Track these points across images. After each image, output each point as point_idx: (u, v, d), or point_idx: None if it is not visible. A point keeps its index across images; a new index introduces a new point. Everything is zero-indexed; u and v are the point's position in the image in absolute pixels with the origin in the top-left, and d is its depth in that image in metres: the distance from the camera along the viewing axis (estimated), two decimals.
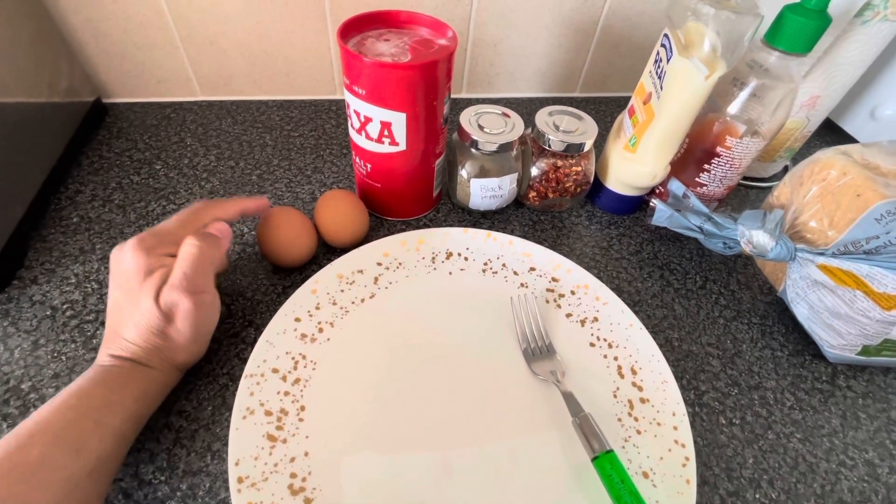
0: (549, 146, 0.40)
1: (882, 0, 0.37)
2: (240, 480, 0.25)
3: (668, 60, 0.35)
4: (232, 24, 0.47)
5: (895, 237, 0.30)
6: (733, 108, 0.37)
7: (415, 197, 0.41)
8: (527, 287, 0.37)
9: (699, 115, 0.39)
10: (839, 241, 0.33)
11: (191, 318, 0.27)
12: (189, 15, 0.46)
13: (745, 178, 0.52)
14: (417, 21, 0.37)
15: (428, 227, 0.42)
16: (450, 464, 0.28)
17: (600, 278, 0.40)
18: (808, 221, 0.35)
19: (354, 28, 0.35)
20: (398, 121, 0.34)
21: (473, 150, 0.39)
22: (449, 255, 0.39)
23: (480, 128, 0.39)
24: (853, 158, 0.35)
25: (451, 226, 0.42)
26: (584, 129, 0.40)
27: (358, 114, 0.35)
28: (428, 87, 0.34)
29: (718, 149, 0.39)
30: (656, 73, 0.37)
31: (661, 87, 0.36)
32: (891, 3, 0.37)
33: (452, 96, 0.59)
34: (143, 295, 0.26)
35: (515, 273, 0.38)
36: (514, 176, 0.40)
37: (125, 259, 0.27)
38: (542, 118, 0.40)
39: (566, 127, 0.40)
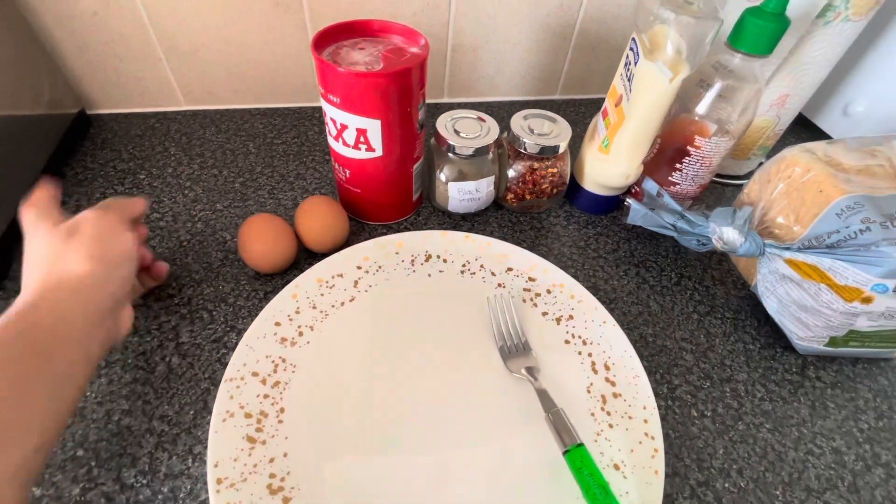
0: (525, 149, 0.40)
1: (843, 1, 0.38)
2: (219, 481, 0.26)
3: (635, 64, 0.36)
4: (212, 35, 0.48)
5: (854, 231, 0.31)
6: (701, 108, 0.38)
7: (394, 201, 0.42)
8: (504, 287, 0.38)
9: (671, 116, 0.40)
10: (804, 236, 0.34)
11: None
12: (170, 27, 0.47)
13: (721, 176, 0.53)
14: (391, 30, 0.38)
15: (409, 230, 0.43)
16: (428, 462, 0.29)
17: (577, 277, 0.41)
18: (775, 217, 0.36)
19: (329, 38, 0.36)
20: (373, 127, 0.35)
21: (450, 155, 0.40)
22: (428, 257, 0.39)
23: (456, 133, 0.40)
24: (816, 155, 0.36)
25: (431, 228, 0.43)
26: (559, 132, 0.41)
27: (334, 121, 0.36)
28: (401, 94, 0.35)
29: (689, 148, 0.40)
30: (626, 76, 0.38)
31: (630, 90, 0.37)
32: (851, 3, 0.38)
33: (435, 101, 0.60)
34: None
35: (493, 273, 0.39)
36: (491, 179, 0.41)
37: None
38: (518, 122, 0.41)
39: (540, 130, 0.41)
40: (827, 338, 0.35)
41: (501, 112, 0.58)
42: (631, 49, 0.37)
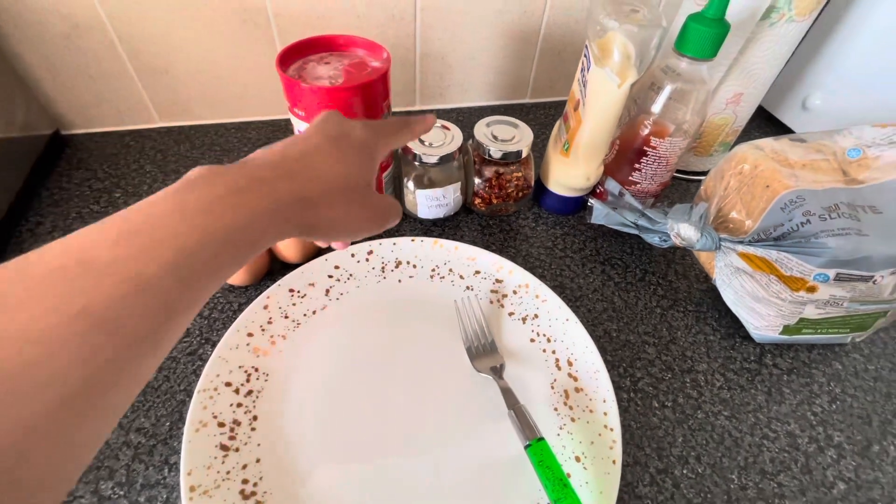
0: (490, 155, 0.42)
1: (786, 2, 0.40)
2: (192, 489, 0.27)
3: (588, 70, 0.37)
4: (183, 53, 0.49)
5: (796, 224, 0.33)
6: (655, 110, 0.40)
7: None
8: (472, 290, 0.39)
9: (631, 118, 0.42)
10: (754, 230, 0.35)
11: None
12: (139, 47, 0.48)
13: (686, 173, 0.55)
14: (355, 44, 0.39)
15: (382, 237, 0.44)
16: (399, 463, 0.30)
17: (545, 276, 0.42)
18: (729, 213, 0.38)
19: (296, 53, 0.38)
20: None
21: (416, 163, 0.41)
22: (398, 263, 0.41)
23: (421, 142, 0.41)
24: (764, 151, 0.37)
25: (403, 235, 0.44)
26: (521, 137, 0.42)
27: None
28: (365, 106, 0.36)
29: (646, 148, 0.41)
30: (582, 81, 0.39)
31: (585, 95, 0.38)
32: (794, 4, 0.40)
33: (407, 109, 0.61)
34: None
35: (461, 277, 0.40)
36: (458, 185, 0.42)
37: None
38: (481, 129, 0.43)
39: (503, 136, 0.42)
40: (780, 326, 0.36)
41: (473, 117, 0.59)
42: (585, 56, 0.38)
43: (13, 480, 0.13)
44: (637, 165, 0.43)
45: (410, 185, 0.42)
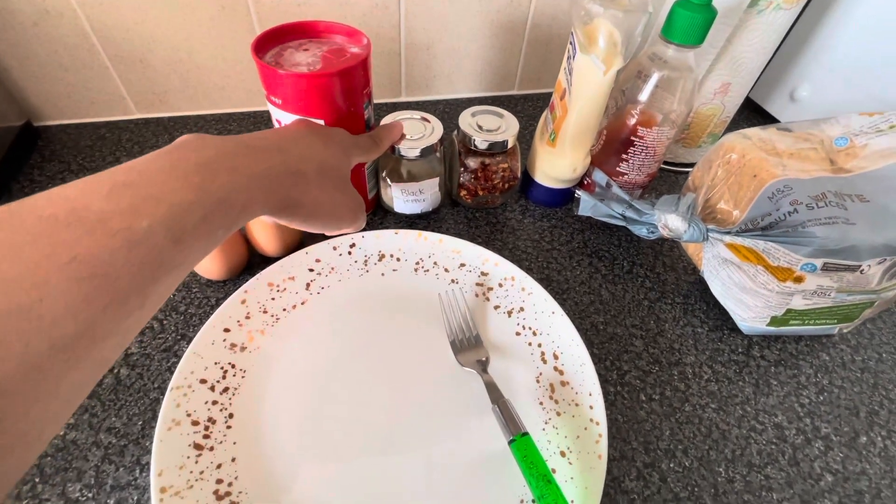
0: (475, 146, 0.41)
1: None
2: (162, 490, 0.26)
3: (574, 58, 0.37)
4: (159, 42, 0.47)
5: (784, 213, 0.32)
6: (642, 99, 0.39)
7: None
8: (457, 283, 0.39)
9: (617, 108, 0.41)
10: (742, 220, 0.35)
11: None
12: (114, 35, 0.46)
13: (674, 164, 0.54)
14: (334, 30, 0.38)
15: (364, 230, 0.43)
16: (379, 461, 0.29)
17: (531, 269, 0.42)
18: (717, 203, 0.37)
19: (273, 40, 0.36)
20: None
21: (396, 156, 0.40)
22: (381, 256, 0.40)
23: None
24: (752, 141, 0.37)
25: (387, 228, 0.43)
26: (506, 127, 0.41)
27: (279, 122, 0.36)
28: (344, 94, 0.35)
29: (633, 138, 0.41)
30: (567, 69, 0.39)
31: (571, 83, 0.38)
32: None
33: (393, 100, 0.60)
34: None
35: (446, 270, 0.39)
36: (436, 180, 0.41)
37: None
38: (466, 119, 0.42)
39: (489, 126, 0.41)
40: (768, 317, 0.36)
41: (460, 109, 0.58)
42: (570, 43, 0.38)
43: None
44: (624, 156, 0.42)
45: (387, 178, 0.41)
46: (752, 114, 0.62)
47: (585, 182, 0.47)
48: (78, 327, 0.14)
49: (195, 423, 0.29)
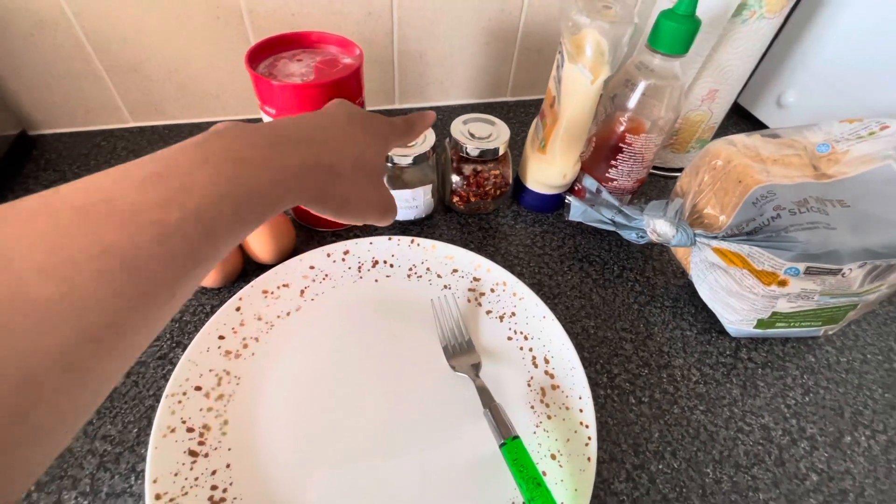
0: (467, 153, 0.42)
1: (756, 0, 0.40)
2: (157, 497, 0.26)
3: (562, 67, 0.37)
4: (154, 52, 0.48)
5: (767, 219, 0.33)
6: (630, 106, 0.40)
7: None
8: (449, 288, 0.39)
9: (607, 115, 0.42)
10: (728, 225, 0.36)
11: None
12: (109, 45, 0.46)
13: (664, 170, 0.55)
14: (327, 41, 0.39)
15: (358, 236, 0.44)
16: (373, 466, 0.29)
17: (523, 274, 0.42)
18: (704, 208, 0.38)
19: (267, 50, 0.37)
20: None
21: (389, 164, 0.40)
22: (375, 263, 0.40)
23: None
24: (737, 147, 0.37)
25: (381, 234, 0.44)
26: (497, 134, 0.42)
27: None
28: None
29: (622, 145, 0.41)
30: (556, 78, 0.39)
31: (560, 92, 0.38)
32: (765, 2, 0.40)
33: (387, 107, 0.60)
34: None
35: (439, 276, 0.40)
36: (429, 187, 0.42)
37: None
38: (458, 127, 0.42)
39: (480, 133, 0.42)
40: (754, 320, 0.37)
41: (454, 116, 0.59)
42: (559, 53, 0.38)
43: (23, 413, 0.12)
44: (614, 162, 0.43)
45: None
46: (741, 119, 0.63)
47: (576, 188, 0.47)
48: (107, 320, 0.14)
49: (190, 430, 0.29)
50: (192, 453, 0.28)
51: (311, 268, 0.39)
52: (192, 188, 0.17)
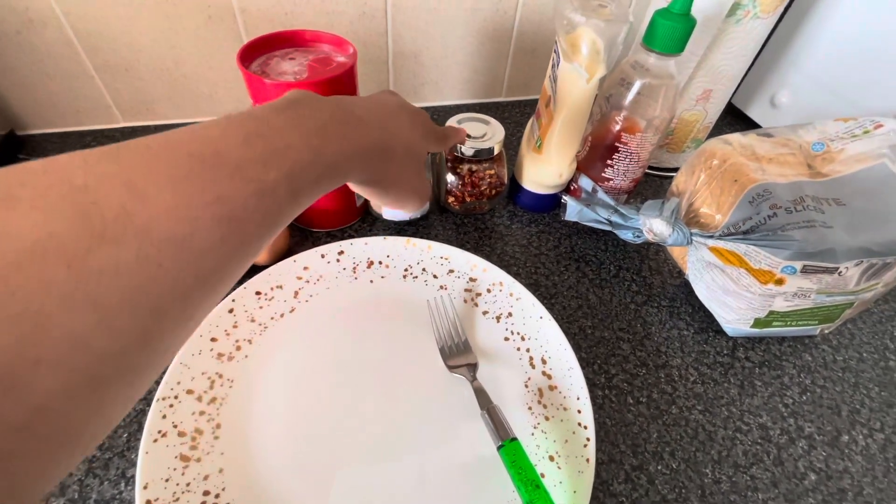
0: (462, 153, 0.41)
1: (750, 0, 0.40)
2: (148, 503, 0.25)
3: (558, 66, 0.37)
4: (145, 51, 0.47)
5: (764, 217, 0.33)
6: (626, 105, 0.40)
7: (337, 208, 0.42)
8: (446, 289, 0.39)
9: (602, 114, 0.42)
10: (724, 224, 0.36)
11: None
12: (99, 44, 0.46)
13: (660, 169, 0.55)
14: (321, 39, 0.38)
15: (353, 237, 0.43)
16: (369, 469, 0.29)
17: (519, 274, 0.42)
18: (700, 207, 0.38)
19: (259, 49, 0.36)
20: None
21: None
22: (370, 263, 0.40)
23: None
24: (732, 146, 0.37)
25: (377, 234, 0.44)
26: (492, 134, 0.42)
27: None
28: None
29: (617, 145, 0.41)
30: (552, 77, 0.39)
31: (556, 91, 0.38)
32: (759, 2, 0.40)
33: None
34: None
35: (435, 276, 0.39)
36: None
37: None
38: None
39: (475, 133, 0.42)
40: (751, 319, 0.37)
41: (449, 116, 0.59)
42: (554, 52, 0.38)
43: (146, 343, 0.13)
44: (609, 161, 0.42)
45: None
46: (735, 119, 0.64)
47: (572, 188, 0.47)
48: (216, 264, 0.15)
49: (182, 434, 0.29)
50: (184, 458, 0.28)
51: (306, 269, 0.38)
52: (285, 153, 0.18)
